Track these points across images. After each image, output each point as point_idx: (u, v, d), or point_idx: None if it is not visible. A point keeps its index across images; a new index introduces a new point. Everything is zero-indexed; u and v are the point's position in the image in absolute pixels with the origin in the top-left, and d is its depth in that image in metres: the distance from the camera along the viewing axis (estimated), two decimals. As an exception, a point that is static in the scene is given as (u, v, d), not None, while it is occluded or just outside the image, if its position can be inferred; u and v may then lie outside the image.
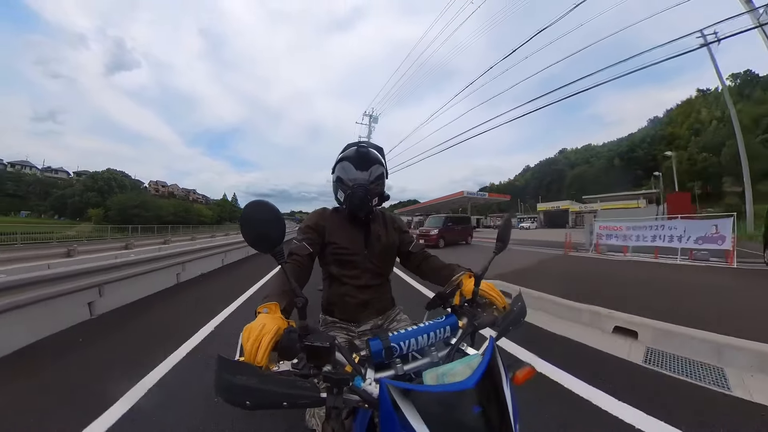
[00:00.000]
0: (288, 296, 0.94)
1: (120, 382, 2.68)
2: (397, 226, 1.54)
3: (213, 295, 6.06)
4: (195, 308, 5.16)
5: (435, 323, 0.98)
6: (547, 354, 3.15)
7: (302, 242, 1.28)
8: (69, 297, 4.19)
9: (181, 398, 2.48)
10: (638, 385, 2.62)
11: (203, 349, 3.46)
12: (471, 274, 1.15)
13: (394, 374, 0.87)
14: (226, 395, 0.63)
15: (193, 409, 2.32)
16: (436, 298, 1.08)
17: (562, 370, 2.82)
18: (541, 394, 2.45)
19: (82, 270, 4.44)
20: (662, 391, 2.54)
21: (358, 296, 1.38)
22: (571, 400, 2.41)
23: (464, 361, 0.80)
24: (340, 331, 1.38)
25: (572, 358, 3.11)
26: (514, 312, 1.04)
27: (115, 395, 2.47)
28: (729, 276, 7.12)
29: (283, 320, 0.81)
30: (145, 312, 4.95)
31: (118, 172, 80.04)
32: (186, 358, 3.23)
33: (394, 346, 0.89)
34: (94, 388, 2.64)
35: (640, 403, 2.30)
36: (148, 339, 3.80)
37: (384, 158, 1.41)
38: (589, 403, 2.35)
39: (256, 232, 0.76)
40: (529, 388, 1.22)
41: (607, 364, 3.02)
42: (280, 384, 0.67)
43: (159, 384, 2.70)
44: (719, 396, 2.45)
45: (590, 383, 2.60)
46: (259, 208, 0.76)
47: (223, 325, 4.32)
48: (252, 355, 0.71)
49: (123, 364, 3.09)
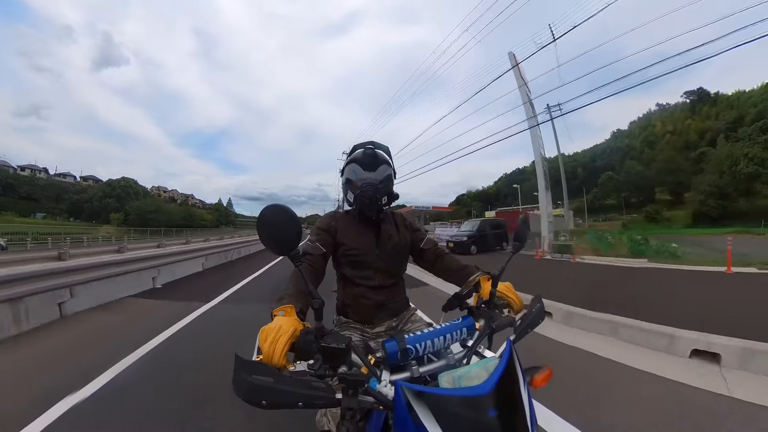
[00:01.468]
0: (303, 298, 0.94)
1: (228, 283, 7.86)
2: (408, 224, 1.53)
3: (230, 276, 9.27)
4: (225, 279, 8.68)
5: (451, 325, 0.96)
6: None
7: (315, 243, 1.28)
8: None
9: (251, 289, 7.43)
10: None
11: (245, 286, 7.88)
12: (489, 276, 1.12)
13: (410, 376, 0.85)
14: (243, 394, 0.64)
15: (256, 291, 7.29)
16: (452, 299, 1.05)
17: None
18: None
19: (154, 254, 7.72)
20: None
21: (373, 297, 1.36)
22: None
23: (481, 363, 0.77)
24: (354, 333, 1.37)
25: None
26: (532, 314, 1.01)
27: (233, 283, 7.94)
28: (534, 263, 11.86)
29: (299, 322, 0.80)
30: (195, 279, 8.82)
31: (131, 180, 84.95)
32: (240, 287, 7.74)
33: (409, 348, 0.86)
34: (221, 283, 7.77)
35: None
36: (216, 283, 8.06)
37: (391, 158, 1.41)
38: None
39: (273, 234, 0.75)
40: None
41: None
42: (296, 384, 0.67)
43: (238, 289, 7.47)
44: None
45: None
46: (276, 211, 0.75)
47: (246, 286, 7.98)
48: (269, 355, 0.71)
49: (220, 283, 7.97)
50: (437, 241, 1.60)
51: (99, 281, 5.61)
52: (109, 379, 2.88)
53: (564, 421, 2.20)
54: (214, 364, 3.10)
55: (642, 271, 9.07)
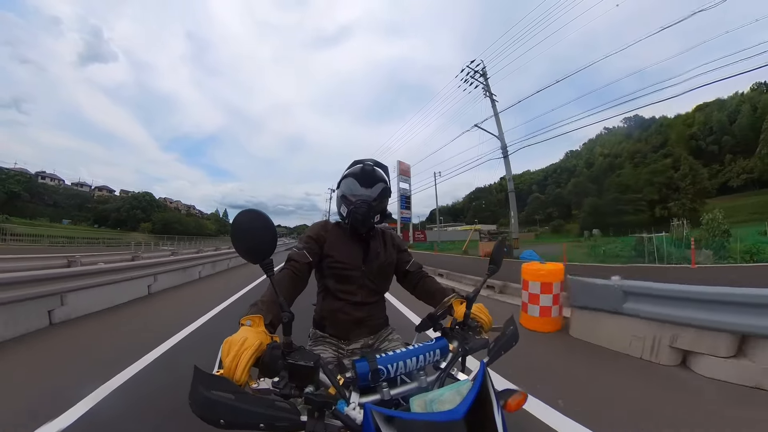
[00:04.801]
0: (275, 309, 0.88)
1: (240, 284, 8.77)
2: (396, 245, 1.49)
3: (241, 272, 11.91)
4: (242, 274, 11.21)
5: (424, 346, 0.91)
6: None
7: (302, 250, 1.24)
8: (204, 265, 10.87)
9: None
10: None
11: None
12: (463, 300, 1.07)
13: (380, 399, 0.80)
14: (199, 410, 0.58)
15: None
16: (426, 320, 1.00)
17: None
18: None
19: (200, 256, 11.14)
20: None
21: (352, 313, 1.32)
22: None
23: (454, 387, 0.73)
24: (329, 347, 1.31)
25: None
26: (506, 336, 0.97)
27: (241, 286, 8.46)
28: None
29: (267, 335, 0.76)
30: (223, 274, 11.79)
31: (150, 193, 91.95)
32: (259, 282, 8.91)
33: (381, 369, 0.82)
34: (228, 285, 8.77)
35: None
36: (237, 279, 9.97)
37: (389, 177, 1.38)
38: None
39: (247, 241, 0.70)
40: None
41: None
42: (259, 403, 0.62)
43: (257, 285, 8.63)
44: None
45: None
46: (252, 217, 0.71)
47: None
48: (231, 370, 0.66)
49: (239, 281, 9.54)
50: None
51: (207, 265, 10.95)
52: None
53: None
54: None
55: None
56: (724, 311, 2.79)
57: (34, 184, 76.39)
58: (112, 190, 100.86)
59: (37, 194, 74.81)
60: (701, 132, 56.06)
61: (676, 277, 8.30)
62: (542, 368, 3.16)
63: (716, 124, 54.74)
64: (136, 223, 78.26)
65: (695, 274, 10.03)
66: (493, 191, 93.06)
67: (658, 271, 11.30)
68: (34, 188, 74.70)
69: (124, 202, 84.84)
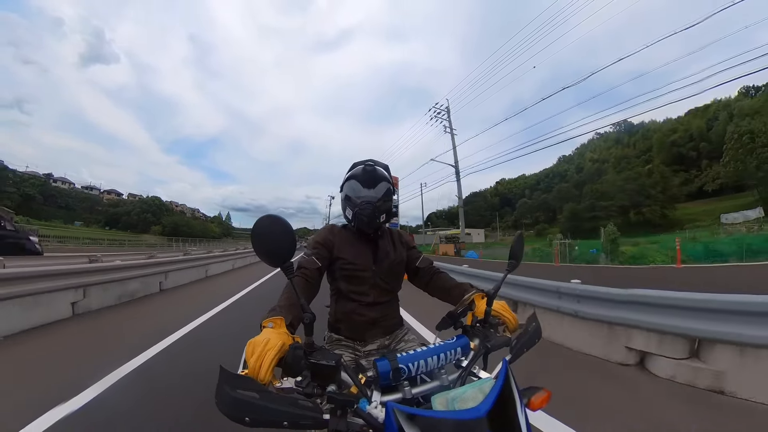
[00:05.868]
0: (294, 311, 0.89)
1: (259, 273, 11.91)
2: (405, 242, 1.47)
3: (254, 270, 13.74)
4: (256, 270, 13.17)
5: (445, 344, 0.89)
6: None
7: (311, 257, 1.24)
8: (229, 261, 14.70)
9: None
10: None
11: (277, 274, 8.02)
12: (483, 295, 1.05)
13: (402, 397, 0.79)
14: (225, 409, 0.59)
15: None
16: (446, 318, 0.98)
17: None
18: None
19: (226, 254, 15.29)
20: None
21: (366, 314, 1.30)
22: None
23: (476, 385, 0.71)
24: (345, 350, 1.30)
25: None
26: (528, 333, 0.94)
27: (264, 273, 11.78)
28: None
29: (288, 336, 0.76)
30: (237, 270, 14.42)
31: (158, 198, 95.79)
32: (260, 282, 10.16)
33: (402, 368, 0.80)
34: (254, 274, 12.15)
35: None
36: (253, 271, 12.99)
37: (390, 175, 1.37)
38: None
39: (268, 246, 0.72)
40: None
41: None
42: (282, 402, 0.62)
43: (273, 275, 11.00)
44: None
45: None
46: (271, 222, 0.72)
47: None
48: (255, 370, 0.67)
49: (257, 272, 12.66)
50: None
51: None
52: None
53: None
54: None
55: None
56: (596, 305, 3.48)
57: (47, 187, 78.30)
58: (120, 193, 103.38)
59: (50, 197, 76.72)
60: (681, 139, 57.32)
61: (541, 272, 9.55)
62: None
63: (695, 131, 56.04)
64: (146, 225, 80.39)
65: (559, 270, 13.42)
66: (487, 195, 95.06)
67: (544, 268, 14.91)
68: (47, 191, 76.58)
69: (134, 206, 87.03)
